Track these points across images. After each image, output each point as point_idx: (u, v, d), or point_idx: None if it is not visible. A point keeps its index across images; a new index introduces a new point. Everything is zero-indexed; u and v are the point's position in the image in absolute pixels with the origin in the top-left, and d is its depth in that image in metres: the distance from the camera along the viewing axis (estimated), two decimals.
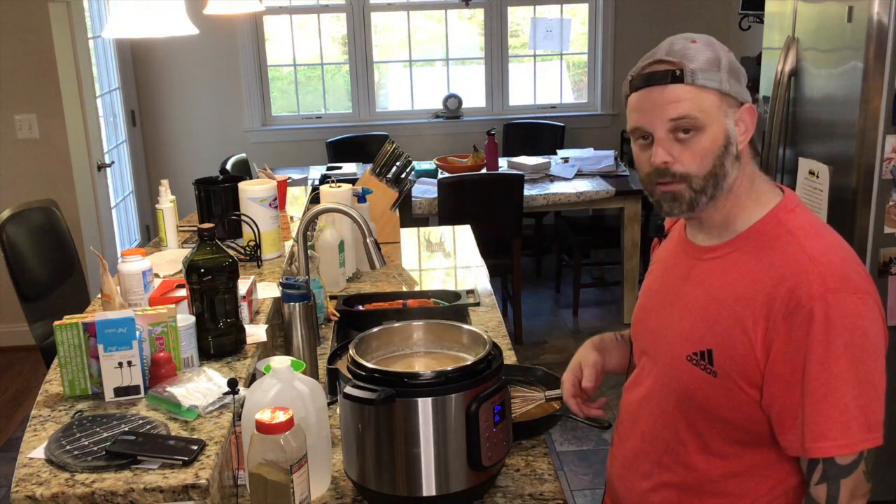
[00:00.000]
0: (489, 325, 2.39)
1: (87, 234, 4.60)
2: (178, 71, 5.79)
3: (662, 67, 1.29)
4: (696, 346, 1.34)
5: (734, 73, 1.31)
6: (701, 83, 1.27)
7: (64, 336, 1.68)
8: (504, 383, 1.55)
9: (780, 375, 1.26)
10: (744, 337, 1.28)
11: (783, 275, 1.26)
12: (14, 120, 4.47)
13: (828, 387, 1.23)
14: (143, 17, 2.03)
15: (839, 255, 1.29)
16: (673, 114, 1.28)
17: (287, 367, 1.54)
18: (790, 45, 3.25)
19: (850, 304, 1.23)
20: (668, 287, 1.46)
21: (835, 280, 1.24)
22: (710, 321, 1.32)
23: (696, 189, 1.30)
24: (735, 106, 1.31)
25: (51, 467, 1.46)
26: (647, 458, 1.47)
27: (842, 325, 1.22)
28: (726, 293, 1.32)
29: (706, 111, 1.28)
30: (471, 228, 3.43)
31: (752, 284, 1.29)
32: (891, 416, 3.33)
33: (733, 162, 1.31)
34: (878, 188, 2.86)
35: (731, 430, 1.35)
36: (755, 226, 1.34)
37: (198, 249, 1.83)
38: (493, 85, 6.13)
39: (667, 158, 1.29)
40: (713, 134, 1.29)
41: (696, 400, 1.35)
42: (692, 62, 1.28)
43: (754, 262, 1.31)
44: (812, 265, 1.25)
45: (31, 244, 3.17)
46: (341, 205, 2.33)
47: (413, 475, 1.50)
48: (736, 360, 1.29)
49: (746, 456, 1.36)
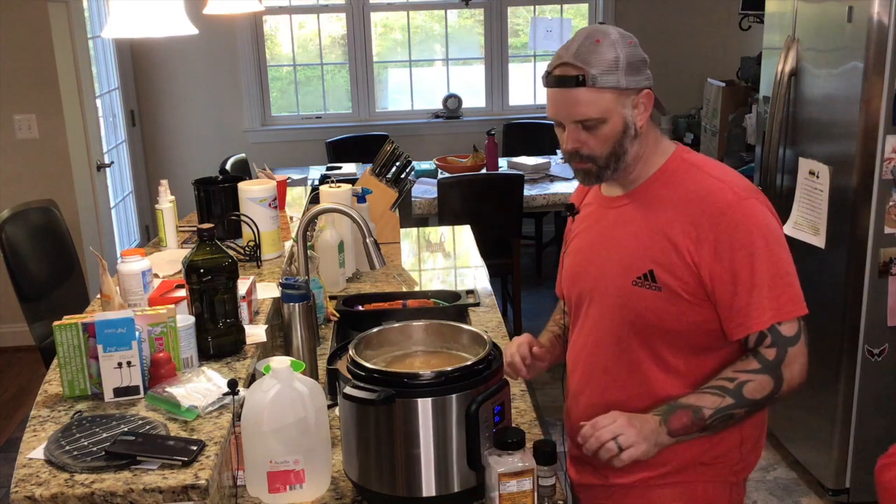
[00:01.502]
0: (489, 325, 2.38)
1: (86, 234, 4.60)
2: (178, 71, 5.78)
3: (569, 72, 1.52)
4: (639, 270, 1.57)
5: (632, 67, 1.53)
6: (600, 85, 1.51)
7: (63, 336, 1.68)
8: (504, 383, 1.55)
9: (717, 274, 1.51)
10: (677, 252, 1.53)
11: (701, 195, 1.54)
12: (14, 120, 4.47)
13: (757, 273, 1.50)
14: (142, 17, 2.03)
15: (737, 174, 1.60)
16: (577, 115, 1.54)
17: (287, 368, 1.54)
18: (790, 45, 3.25)
19: (758, 206, 1.53)
20: (599, 238, 1.68)
21: (742, 190, 1.54)
22: (645, 247, 1.57)
23: (600, 166, 1.58)
24: (633, 94, 1.55)
25: (50, 468, 1.46)
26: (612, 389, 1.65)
27: (758, 223, 1.51)
28: (653, 220, 1.58)
29: (605, 108, 1.53)
30: (471, 228, 3.43)
31: (675, 208, 1.55)
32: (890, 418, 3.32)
33: (632, 140, 1.57)
34: (878, 188, 2.86)
35: (679, 340, 1.58)
36: (664, 166, 1.61)
37: (197, 250, 1.83)
38: (492, 85, 6.13)
39: (575, 145, 1.57)
40: (613, 123, 1.54)
41: (646, 318, 1.57)
42: (594, 67, 1.51)
43: (671, 191, 1.58)
44: (720, 182, 1.55)
45: (31, 244, 3.17)
46: (341, 205, 2.33)
47: (413, 475, 1.49)
48: (674, 272, 1.54)
49: (697, 368, 1.58)
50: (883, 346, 2.98)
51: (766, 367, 1.52)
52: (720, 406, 1.51)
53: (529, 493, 1.46)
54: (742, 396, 1.52)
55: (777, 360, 1.52)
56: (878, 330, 2.97)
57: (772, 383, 1.52)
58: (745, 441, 1.65)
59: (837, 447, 3.08)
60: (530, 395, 2.00)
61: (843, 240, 2.95)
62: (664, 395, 1.58)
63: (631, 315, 1.59)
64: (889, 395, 3.03)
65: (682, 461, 1.61)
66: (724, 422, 1.53)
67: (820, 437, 3.17)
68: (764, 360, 1.53)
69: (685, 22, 5.84)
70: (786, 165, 3.33)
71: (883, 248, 2.91)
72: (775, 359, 1.52)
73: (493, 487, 1.45)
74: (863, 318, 2.96)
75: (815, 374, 3.10)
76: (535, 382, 4.23)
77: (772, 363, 1.52)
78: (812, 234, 3.08)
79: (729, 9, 5.58)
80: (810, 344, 1.56)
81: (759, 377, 1.52)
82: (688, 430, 1.52)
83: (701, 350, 1.59)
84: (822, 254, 3.04)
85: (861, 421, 3.04)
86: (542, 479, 1.51)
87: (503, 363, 1.60)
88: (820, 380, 3.12)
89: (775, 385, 1.53)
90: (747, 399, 1.52)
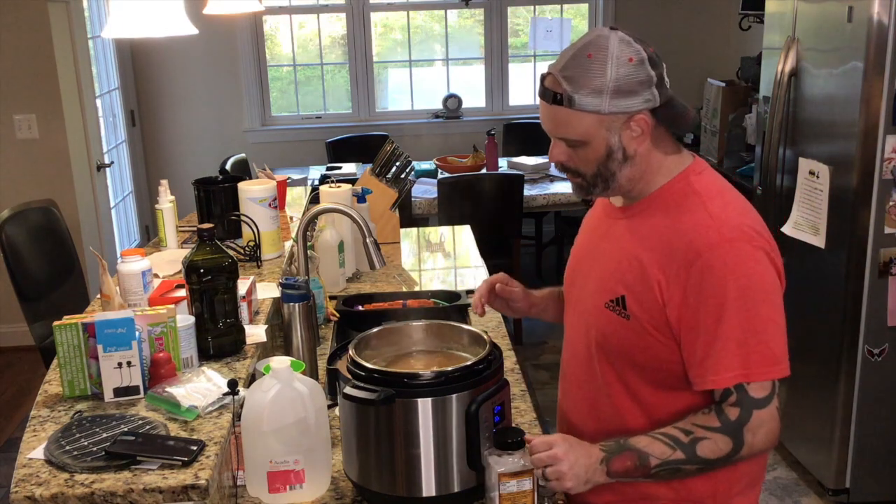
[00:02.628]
0: (489, 325, 2.38)
1: (86, 234, 4.59)
2: (178, 71, 5.78)
3: (551, 86, 1.44)
4: (611, 293, 1.50)
5: (621, 91, 1.41)
6: (578, 107, 1.41)
7: (63, 336, 1.68)
8: (504, 383, 1.55)
9: (683, 318, 1.42)
10: (649, 284, 1.44)
11: (685, 229, 1.43)
12: (14, 120, 4.47)
13: (724, 325, 1.38)
14: (142, 17, 2.03)
15: (738, 211, 1.46)
16: (556, 132, 1.47)
17: (287, 368, 1.54)
18: (790, 45, 3.25)
19: (744, 251, 1.40)
20: (590, 246, 1.64)
21: (731, 231, 1.41)
22: (622, 271, 1.49)
23: (589, 182, 1.50)
24: (621, 120, 1.43)
25: (50, 468, 1.46)
26: (584, 405, 1.61)
27: (735, 272, 1.38)
28: (635, 246, 1.49)
29: (584, 132, 1.44)
30: (471, 228, 3.43)
31: (659, 237, 1.46)
32: (890, 418, 3.32)
33: (620, 164, 1.47)
34: (878, 188, 2.86)
35: (646, 373, 1.50)
36: (665, 186, 1.50)
37: (197, 249, 1.83)
38: (493, 85, 6.13)
39: (560, 158, 1.50)
40: (595, 146, 1.45)
41: (612, 344, 1.51)
42: (576, 87, 1.41)
43: (661, 218, 1.48)
44: (711, 220, 1.42)
45: (31, 244, 3.17)
46: (341, 205, 2.33)
47: (413, 475, 1.49)
48: (644, 304, 1.45)
49: (667, 404, 1.49)
50: (883, 346, 2.98)
51: (727, 427, 1.40)
52: (669, 458, 1.41)
53: (529, 493, 1.46)
54: (694, 454, 1.41)
55: (739, 422, 1.40)
56: (878, 330, 2.97)
57: (730, 445, 1.40)
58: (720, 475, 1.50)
59: (837, 447, 3.08)
60: (530, 395, 2.00)
61: (843, 240, 2.95)
62: (633, 424, 1.51)
63: (599, 337, 1.53)
64: (889, 395, 3.03)
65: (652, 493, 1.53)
66: (671, 474, 1.43)
67: (820, 437, 3.17)
68: (726, 419, 1.41)
69: (685, 22, 5.84)
70: (786, 165, 3.32)
71: (883, 248, 2.91)
72: (737, 420, 1.40)
73: (493, 487, 1.45)
74: (863, 318, 2.96)
75: (815, 374, 3.13)
76: (535, 382, 4.23)
77: (733, 424, 1.40)
78: (812, 234, 3.08)
79: (729, 9, 5.58)
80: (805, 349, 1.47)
81: (717, 437, 1.40)
82: (630, 474, 1.43)
83: (670, 388, 1.49)
84: (822, 254, 3.04)
85: (861, 421, 3.04)
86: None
87: (503, 363, 1.60)
88: (820, 380, 3.13)
89: (734, 447, 1.40)
90: (699, 457, 1.41)
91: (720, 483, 1.52)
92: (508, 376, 1.79)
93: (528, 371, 4.36)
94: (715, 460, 1.41)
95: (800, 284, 1.40)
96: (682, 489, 1.51)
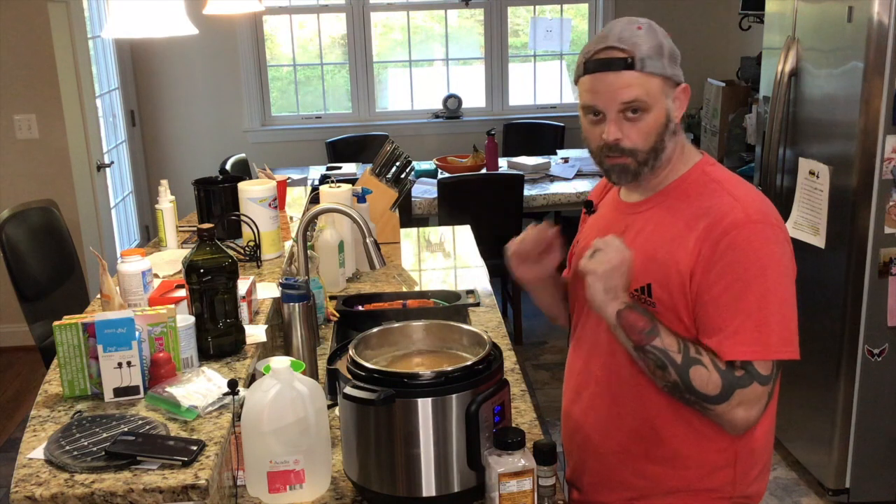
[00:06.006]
0: (489, 325, 2.38)
1: (86, 234, 4.59)
2: (178, 71, 5.78)
3: (615, 55, 1.46)
4: (637, 283, 1.51)
5: (673, 58, 1.49)
6: (648, 70, 1.46)
7: (63, 336, 1.68)
8: (504, 383, 1.55)
9: (701, 290, 1.44)
10: (677, 269, 1.47)
11: (712, 212, 1.47)
12: (14, 120, 4.47)
13: (744, 302, 1.42)
14: (142, 17, 2.03)
15: (759, 197, 1.51)
16: (625, 97, 1.46)
17: (287, 368, 1.54)
18: (790, 45, 3.25)
19: (767, 233, 1.45)
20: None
21: (756, 213, 1.46)
22: (648, 260, 1.50)
23: (640, 161, 1.50)
24: (673, 87, 1.50)
25: (50, 468, 1.46)
26: (605, 399, 1.61)
27: (758, 251, 1.43)
28: (661, 234, 1.51)
29: (652, 95, 1.47)
30: (471, 228, 3.43)
31: (685, 223, 1.49)
32: (890, 418, 3.32)
33: (671, 136, 1.52)
34: (878, 188, 2.86)
35: None
36: (683, 177, 1.55)
37: (197, 250, 1.83)
38: (492, 85, 6.13)
39: (618, 135, 1.48)
40: (657, 114, 1.48)
41: None
42: (640, 51, 1.45)
43: (685, 205, 1.51)
44: (736, 202, 1.47)
45: (31, 244, 3.17)
46: (341, 205, 2.32)
47: (413, 475, 1.49)
48: (671, 290, 1.48)
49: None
50: (883, 346, 2.98)
51: (726, 378, 1.42)
52: (667, 351, 1.43)
53: (529, 493, 1.46)
54: (687, 369, 1.43)
55: (738, 382, 1.42)
56: (878, 330, 2.97)
57: (716, 391, 1.42)
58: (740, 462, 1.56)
59: (837, 447, 3.08)
60: (530, 395, 2.00)
61: (843, 240, 2.95)
62: (655, 411, 1.54)
63: None
64: (889, 395, 3.03)
65: (670, 486, 1.57)
66: (654, 364, 1.45)
67: (820, 437, 3.17)
68: (730, 372, 1.43)
69: (685, 22, 5.83)
70: (786, 165, 3.32)
71: (883, 248, 2.91)
72: (738, 380, 1.42)
73: (493, 487, 1.45)
74: (863, 318, 2.96)
75: (815, 374, 3.13)
76: (535, 382, 4.23)
77: (732, 380, 1.42)
78: (812, 234, 3.08)
79: (729, 9, 5.58)
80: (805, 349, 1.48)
81: (714, 376, 1.42)
82: (629, 332, 1.45)
83: None
84: (822, 254, 3.04)
85: (861, 421, 3.04)
86: (542, 479, 1.51)
87: (503, 363, 1.59)
88: (820, 380, 3.13)
89: (716, 396, 1.42)
90: (686, 375, 1.43)
91: (738, 467, 1.56)
92: (508, 376, 1.79)
93: (528, 371, 4.36)
94: (692, 389, 1.43)
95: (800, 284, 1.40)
96: (703, 476, 1.55)
